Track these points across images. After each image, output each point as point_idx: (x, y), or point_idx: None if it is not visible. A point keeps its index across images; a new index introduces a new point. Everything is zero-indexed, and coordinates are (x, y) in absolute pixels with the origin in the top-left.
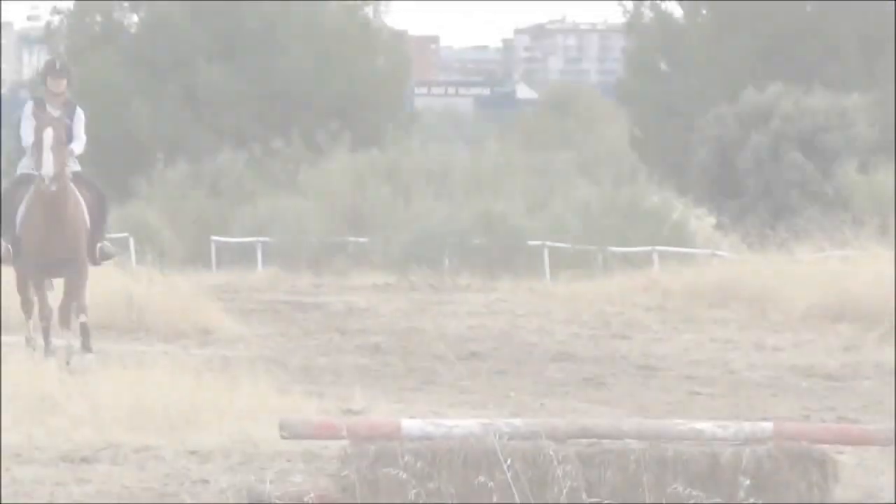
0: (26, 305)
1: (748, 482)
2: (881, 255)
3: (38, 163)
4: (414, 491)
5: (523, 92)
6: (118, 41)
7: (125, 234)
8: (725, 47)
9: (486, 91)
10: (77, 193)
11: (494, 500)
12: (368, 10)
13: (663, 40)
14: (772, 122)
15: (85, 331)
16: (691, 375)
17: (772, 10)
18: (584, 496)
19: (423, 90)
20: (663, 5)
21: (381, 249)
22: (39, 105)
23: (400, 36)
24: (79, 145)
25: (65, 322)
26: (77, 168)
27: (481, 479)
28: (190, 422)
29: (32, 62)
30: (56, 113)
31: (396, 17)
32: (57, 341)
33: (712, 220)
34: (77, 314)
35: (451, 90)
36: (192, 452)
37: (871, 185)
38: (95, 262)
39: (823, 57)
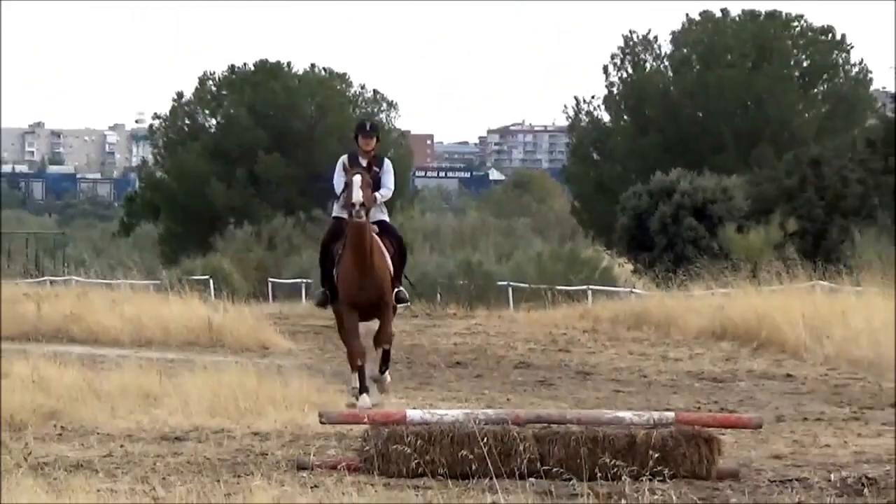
0: (351, 358)
1: (656, 455)
2: (751, 291)
3: (349, 196)
4: (415, 461)
5: (494, 175)
6: (201, 138)
7: (206, 277)
8: (640, 142)
9: (467, 174)
10: (381, 245)
11: (474, 468)
12: (383, 115)
13: (595, 137)
14: (674, 197)
15: (386, 357)
16: (616, 378)
17: (674, 116)
18: (538, 465)
19: (422, 174)
20: (595, 112)
21: None
22: (352, 159)
23: (405, 134)
24: (385, 193)
25: (384, 340)
26: (385, 217)
27: (464, 452)
28: (253, 411)
29: (139, 153)
30: (364, 163)
31: (403, 121)
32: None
33: (630, 266)
34: (382, 343)
35: (442, 174)
36: (255, 433)
37: (745, 241)
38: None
39: (711, 149)
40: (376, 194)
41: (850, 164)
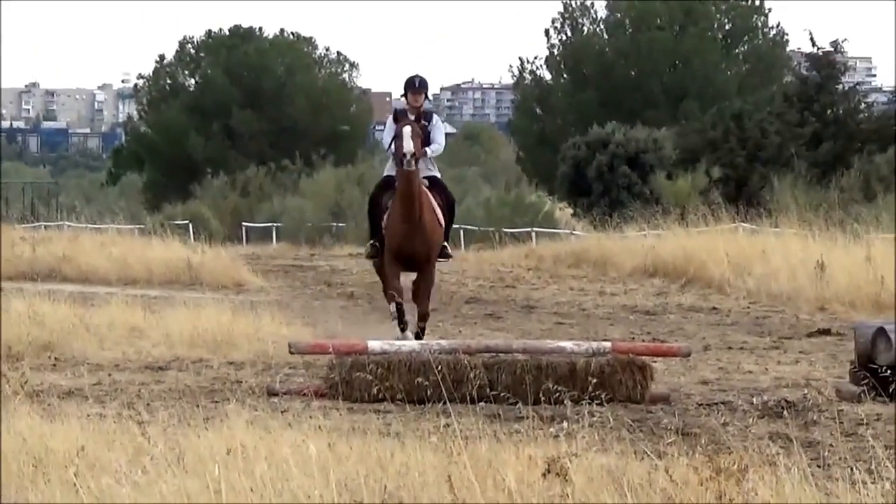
0: (389, 295)
1: (595, 381)
2: (680, 233)
3: (399, 147)
4: (376, 388)
5: (447, 128)
6: (181, 95)
7: (186, 221)
8: (579, 98)
9: None
10: (431, 198)
11: (429, 393)
12: (346, 74)
13: (538, 94)
14: (609, 147)
15: (419, 336)
16: (557, 311)
17: (609, 74)
18: (488, 391)
19: (381, 127)
20: (538, 71)
21: (354, 231)
22: (400, 114)
23: (366, 92)
24: (436, 148)
25: (422, 317)
26: (435, 173)
27: (420, 379)
28: (229, 343)
29: (125, 109)
30: (412, 118)
31: (365, 79)
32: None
33: (570, 210)
34: (420, 312)
35: None
36: (231, 363)
37: (674, 187)
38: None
39: (643, 104)
40: (426, 149)
41: (769, 117)
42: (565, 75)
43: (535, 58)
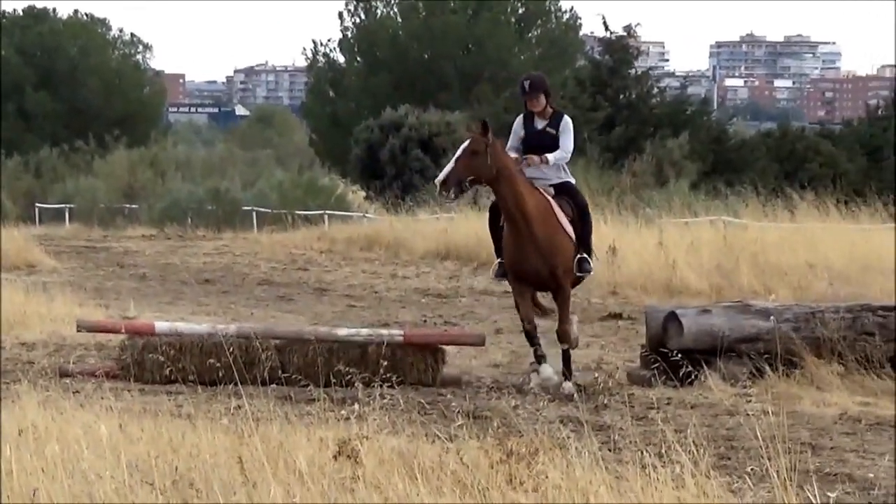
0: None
1: (386, 364)
2: (472, 216)
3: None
4: (168, 369)
5: (240, 111)
6: None
7: None
8: (372, 81)
9: (216, 110)
10: (555, 210)
11: (221, 375)
12: (139, 56)
13: (332, 76)
14: (402, 131)
15: (566, 358)
16: (350, 294)
17: (402, 57)
18: (279, 373)
19: (174, 109)
20: (332, 54)
21: (147, 212)
22: (528, 117)
23: (159, 73)
24: (559, 156)
25: (563, 338)
26: (567, 178)
27: (212, 361)
28: (22, 323)
29: None
30: (540, 125)
31: (158, 61)
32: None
33: (363, 193)
34: (561, 341)
35: (193, 110)
36: (23, 344)
37: None
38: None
39: (436, 87)
40: (547, 156)
41: (562, 101)
42: (359, 58)
43: (329, 40)
